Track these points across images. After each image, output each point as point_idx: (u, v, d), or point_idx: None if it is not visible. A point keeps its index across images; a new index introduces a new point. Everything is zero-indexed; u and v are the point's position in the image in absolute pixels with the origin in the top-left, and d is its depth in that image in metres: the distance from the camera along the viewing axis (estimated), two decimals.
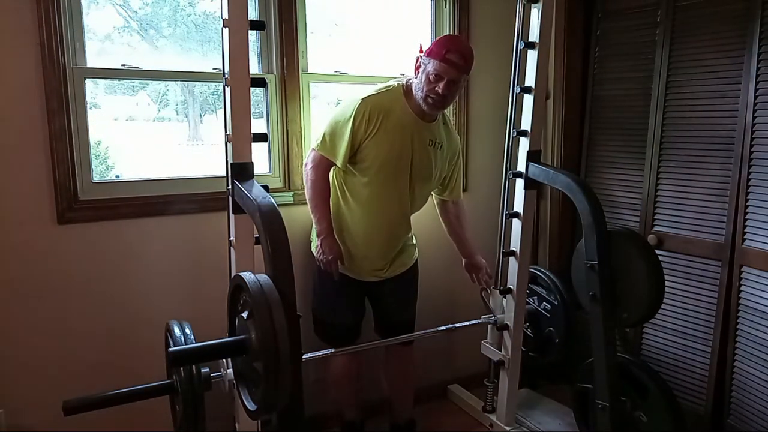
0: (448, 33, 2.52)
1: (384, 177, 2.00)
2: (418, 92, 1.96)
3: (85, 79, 1.94)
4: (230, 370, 1.66)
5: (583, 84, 2.75)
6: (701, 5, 2.25)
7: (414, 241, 2.27)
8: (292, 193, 2.30)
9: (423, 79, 1.93)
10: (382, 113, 1.95)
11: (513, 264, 2.29)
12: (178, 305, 2.11)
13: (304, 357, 1.75)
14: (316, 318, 2.19)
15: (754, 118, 2.07)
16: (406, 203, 2.08)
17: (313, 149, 2.03)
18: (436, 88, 1.91)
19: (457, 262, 2.74)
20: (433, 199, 2.34)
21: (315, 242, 2.09)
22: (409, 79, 2.03)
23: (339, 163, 1.97)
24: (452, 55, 1.89)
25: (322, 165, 2.01)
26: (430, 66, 1.91)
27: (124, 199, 2.03)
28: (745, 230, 2.11)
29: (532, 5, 2.07)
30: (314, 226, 2.06)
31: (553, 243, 2.82)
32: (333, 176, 2.08)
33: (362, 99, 1.96)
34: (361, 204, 2.04)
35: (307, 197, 2.07)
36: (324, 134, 2.00)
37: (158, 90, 2.11)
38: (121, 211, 2.02)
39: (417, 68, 1.98)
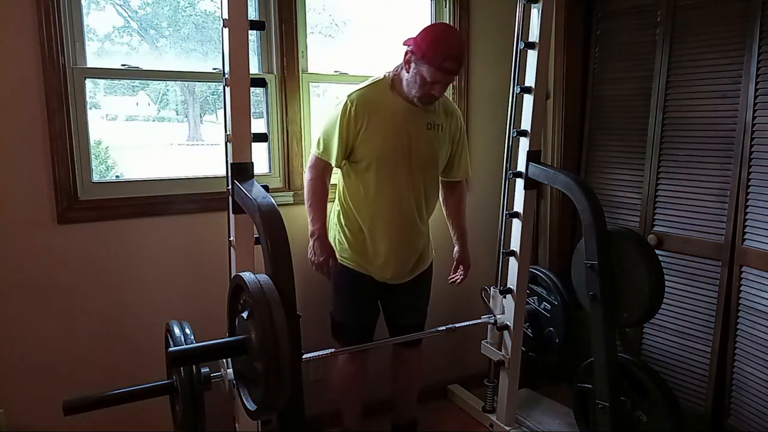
0: (436, 22, 2.26)
1: (386, 170, 1.97)
2: (411, 90, 1.94)
3: (85, 79, 1.94)
4: (230, 370, 1.66)
5: (583, 84, 2.75)
6: (701, 5, 2.25)
7: (431, 243, 2.23)
8: (292, 193, 2.30)
9: (417, 80, 1.90)
10: (369, 106, 1.95)
11: (513, 264, 2.29)
12: (178, 305, 2.12)
13: (304, 357, 1.75)
14: (335, 321, 2.17)
15: (754, 118, 2.07)
16: (417, 193, 2.04)
17: (312, 154, 2.06)
18: (432, 92, 1.91)
19: None
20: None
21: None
22: (396, 69, 2.00)
23: (333, 162, 1.97)
24: (449, 63, 1.86)
25: (319, 166, 2.02)
26: (426, 71, 1.87)
27: (124, 199, 2.03)
28: (745, 230, 2.11)
29: (532, 5, 2.08)
30: (309, 225, 2.03)
31: (553, 243, 2.82)
32: (341, 187, 2.07)
33: (348, 96, 1.96)
34: (371, 204, 2.01)
35: (305, 198, 2.07)
36: (319, 138, 2.02)
37: (158, 90, 2.11)
38: (121, 211, 2.02)
39: (407, 63, 1.93)
